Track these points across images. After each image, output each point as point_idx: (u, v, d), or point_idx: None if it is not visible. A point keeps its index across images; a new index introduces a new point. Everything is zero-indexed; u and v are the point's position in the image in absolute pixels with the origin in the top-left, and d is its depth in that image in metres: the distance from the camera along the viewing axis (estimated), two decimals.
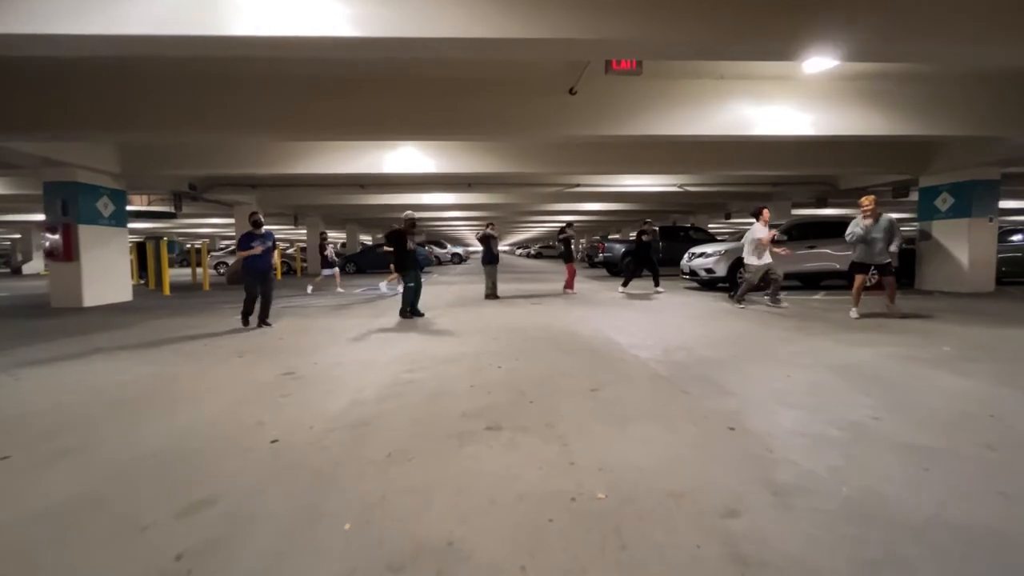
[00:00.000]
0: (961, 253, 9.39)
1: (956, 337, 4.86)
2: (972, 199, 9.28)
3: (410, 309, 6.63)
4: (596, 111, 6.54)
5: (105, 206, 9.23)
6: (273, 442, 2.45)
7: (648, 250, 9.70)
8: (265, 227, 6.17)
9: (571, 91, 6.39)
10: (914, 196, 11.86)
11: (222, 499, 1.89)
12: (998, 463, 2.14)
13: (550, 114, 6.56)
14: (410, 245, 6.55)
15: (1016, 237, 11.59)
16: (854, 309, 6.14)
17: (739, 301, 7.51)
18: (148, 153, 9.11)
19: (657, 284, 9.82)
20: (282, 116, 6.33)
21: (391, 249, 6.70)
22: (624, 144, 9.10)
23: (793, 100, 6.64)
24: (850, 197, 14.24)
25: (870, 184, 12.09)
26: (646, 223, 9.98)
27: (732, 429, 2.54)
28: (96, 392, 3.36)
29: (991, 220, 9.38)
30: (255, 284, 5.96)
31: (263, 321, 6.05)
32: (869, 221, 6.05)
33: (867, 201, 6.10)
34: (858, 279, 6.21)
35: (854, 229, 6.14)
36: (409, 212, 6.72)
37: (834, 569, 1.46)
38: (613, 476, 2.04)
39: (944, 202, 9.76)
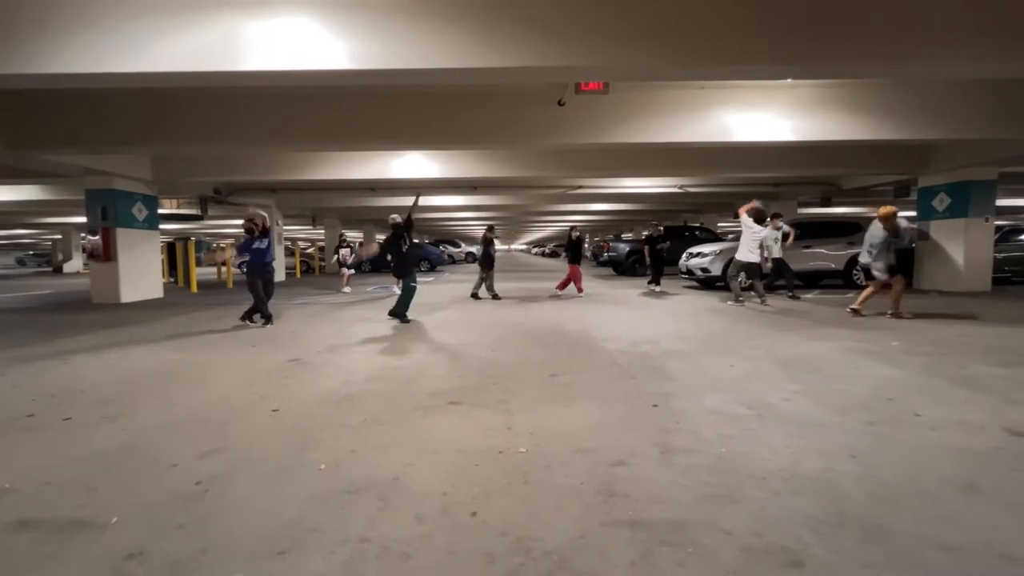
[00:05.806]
0: (957, 253, 9.48)
1: (917, 333, 5.14)
2: (968, 199, 9.36)
3: (399, 312, 6.50)
4: (583, 121, 6.96)
5: (139, 211, 10.07)
6: (274, 411, 3.00)
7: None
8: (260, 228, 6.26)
9: (559, 103, 6.83)
10: (915, 196, 11.91)
11: (231, 448, 2.44)
12: (867, 435, 2.54)
13: (542, 124, 7.02)
14: (404, 247, 6.58)
15: (1023, 236, 11.52)
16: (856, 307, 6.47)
17: (737, 299, 7.76)
18: (177, 162, 9.94)
19: (657, 283, 10.22)
20: (299, 129, 6.97)
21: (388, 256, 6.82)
22: (618, 149, 9.47)
23: (775, 107, 6.91)
24: (853, 196, 14.28)
25: (872, 184, 12.16)
26: (653, 225, 10.80)
27: (655, 406, 2.98)
28: (133, 373, 3.99)
29: (987, 220, 9.43)
30: (256, 282, 6.24)
31: (247, 317, 6.28)
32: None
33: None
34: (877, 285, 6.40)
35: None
36: (393, 215, 6.78)
37: (679, 501, 1.91)
38: (540, 438, 2.52)
39: (941, 202, 9.84)
